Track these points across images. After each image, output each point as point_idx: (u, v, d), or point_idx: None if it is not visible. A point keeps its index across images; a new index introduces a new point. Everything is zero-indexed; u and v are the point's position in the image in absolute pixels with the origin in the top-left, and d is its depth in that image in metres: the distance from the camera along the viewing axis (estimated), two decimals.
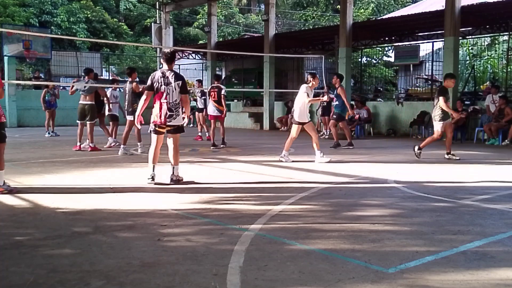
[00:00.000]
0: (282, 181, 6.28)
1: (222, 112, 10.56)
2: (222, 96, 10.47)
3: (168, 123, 5.82)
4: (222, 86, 10.74)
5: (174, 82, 5.79)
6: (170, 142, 5.99)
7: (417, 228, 3.92)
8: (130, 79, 9.38)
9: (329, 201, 5.04)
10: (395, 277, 2.78)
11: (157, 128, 5.89)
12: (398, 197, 5.26)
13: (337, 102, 10.65)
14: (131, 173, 6.86)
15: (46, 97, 14.02)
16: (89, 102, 9.66)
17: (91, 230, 3.82)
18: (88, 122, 9.65)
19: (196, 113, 13.66)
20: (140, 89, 8.82)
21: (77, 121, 9.82)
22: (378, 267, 2.94)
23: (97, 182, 6.11)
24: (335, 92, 10.71)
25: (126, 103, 9.37)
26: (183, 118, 5.98)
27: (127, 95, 9.31)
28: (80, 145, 9.79)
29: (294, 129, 8.18)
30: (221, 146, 10.59)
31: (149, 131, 6.02)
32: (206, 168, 7.65)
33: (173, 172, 6.01)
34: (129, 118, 9.21)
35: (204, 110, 12.31)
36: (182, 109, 5.96)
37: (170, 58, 5.93)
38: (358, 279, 2.75)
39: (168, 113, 5.77)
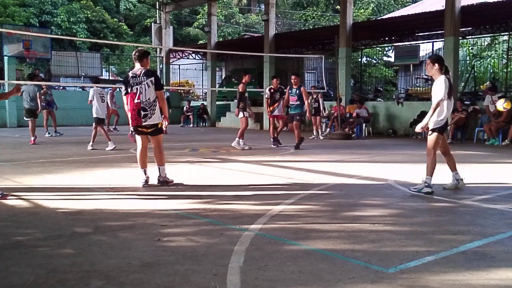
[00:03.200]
0: (282, 181, 6.28)
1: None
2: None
3: (144, 123, 5.68)
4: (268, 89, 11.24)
5: (146, 79, 5.63)
6: (153, 143, 5.91)
7: (417, 228, 3.92)
8: (244, 80, 10.53)
9: (329, 201, 5.04)
10: (395, 277, 2.78)
11: (138, 129, 5.78)
12: (398, 197, 5.25)
13: (298, 102, 10.24)
14: (131, 173, 6.85)
15: (46, 97, 14.02)
16: (34, 104, 11.72)
17: (91, 230, 3.82)
18: (32, 119, 11.49)
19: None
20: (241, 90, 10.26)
21: (27, 119, 11.61)
22: (378, 267, 2.94)
23: (97, 182, 6.10)
24: (295, 91, 10.25)
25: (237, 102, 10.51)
26: (161, 117, 5.78)
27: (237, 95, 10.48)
28: (34, 140, 11.27)
29: None
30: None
31: (130, 133, 5.95)
32: (206, 168, 7.65)
33: (159, 173, 5.90)
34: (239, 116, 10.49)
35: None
36: (157, 107, 5.74)
37: (139, 56, 5.76)
38: (358, 279, 2.74)
39: (143, 112, 5.64)
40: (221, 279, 2.74)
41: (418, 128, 5.60)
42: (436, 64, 5.47)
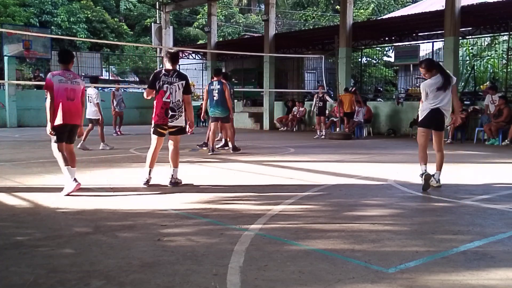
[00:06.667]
0: (282, 181, 6.28)
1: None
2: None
3: (169, 123, 5.73)
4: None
5: (178, 81, 5.72)
6: (170, 143, 5.90)
7: (417, 228, 3.92)
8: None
9: (329, 201, 5.04)
10: (395, 277, 2.78)
11: (158, 129, 5.77)
12: (398, 197, 5.25)
13: (218, 99, 9.30)
14: (131, 173, 6.85)
15: None
16: None
17: (91, 230, 3.81)
18: None
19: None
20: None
21: None
22: (378, 267, 2.94)
23: (97, 182, 6.10)
24: (216, 85, 9.33)
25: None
26: (186, 120, 5.85)
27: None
28: None
29: None
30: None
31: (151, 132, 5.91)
32: (206, 168, 7.65)
33: (172, 175, 5.89)
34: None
35: None
36: (184, 110, 5.81)
37: (173, 57, 5.82)
38: (358, 279, 2.74)
39: (170, 113, 5.68)
40: (221, 279, 2.74)
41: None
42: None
